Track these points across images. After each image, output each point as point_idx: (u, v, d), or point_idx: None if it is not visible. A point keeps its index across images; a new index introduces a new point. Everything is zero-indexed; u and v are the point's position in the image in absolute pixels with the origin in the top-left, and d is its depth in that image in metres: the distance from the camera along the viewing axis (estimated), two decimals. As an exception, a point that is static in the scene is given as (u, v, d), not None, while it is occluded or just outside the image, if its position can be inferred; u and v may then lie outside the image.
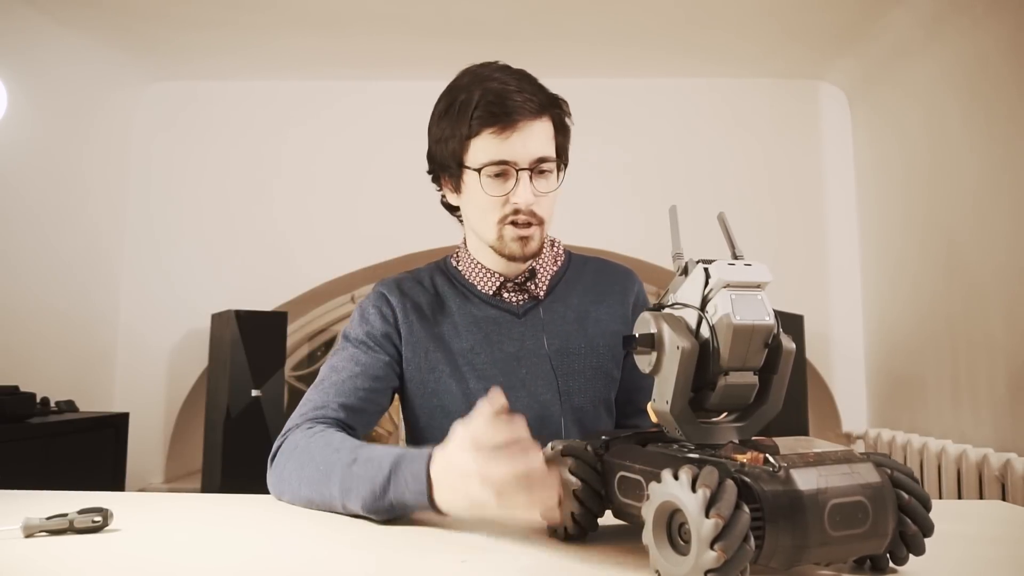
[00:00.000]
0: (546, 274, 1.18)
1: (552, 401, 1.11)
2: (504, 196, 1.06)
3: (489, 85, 1.05)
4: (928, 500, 0.63)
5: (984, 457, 2.28)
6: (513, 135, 1.04)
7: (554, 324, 1.15)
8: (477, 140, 1.05)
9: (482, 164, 1.05)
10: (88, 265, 3.40)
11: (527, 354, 1.13)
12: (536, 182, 1.07)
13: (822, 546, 0.56)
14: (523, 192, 1.05)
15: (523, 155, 1.05)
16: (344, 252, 3.59)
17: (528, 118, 1.04)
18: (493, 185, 1.06)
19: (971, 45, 2.55)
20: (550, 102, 1.09)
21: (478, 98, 1.04)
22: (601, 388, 1.15)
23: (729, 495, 0.54)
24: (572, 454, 0.74)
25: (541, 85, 1.10)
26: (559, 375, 1.12)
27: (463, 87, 1.07)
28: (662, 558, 0.59)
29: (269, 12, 2.95)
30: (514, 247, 1.09)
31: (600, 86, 3.55)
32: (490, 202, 1.07)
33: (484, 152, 1.05)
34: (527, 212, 1.07)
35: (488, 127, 1.04)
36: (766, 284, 0.64)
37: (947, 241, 2.69)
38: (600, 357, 1.15)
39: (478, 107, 1.03)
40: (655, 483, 0.59)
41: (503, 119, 1.03)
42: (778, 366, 0.66)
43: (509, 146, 1.04)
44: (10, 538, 0.76)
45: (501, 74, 1.07)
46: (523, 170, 1.05)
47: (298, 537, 0.80)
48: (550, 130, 1.09)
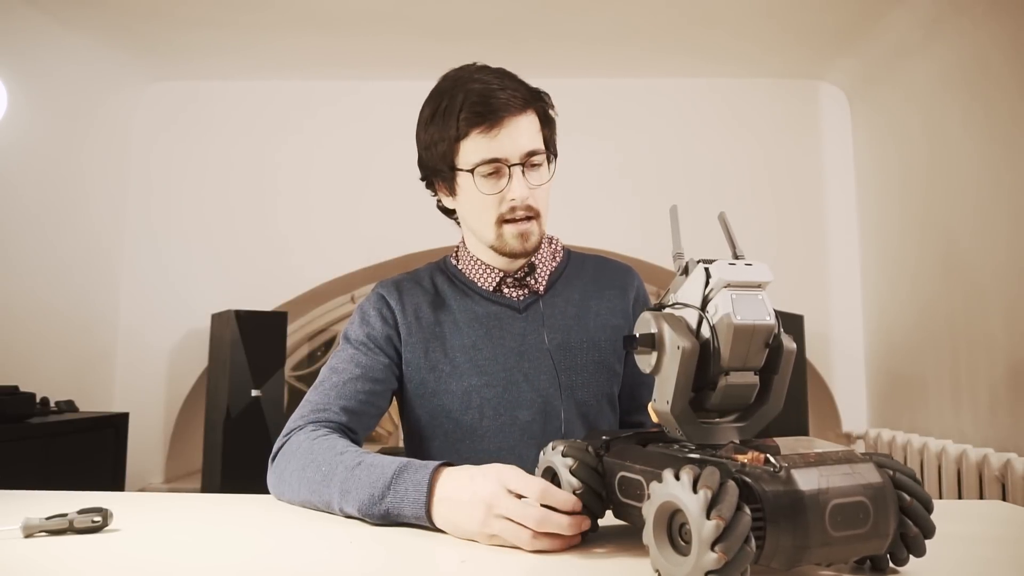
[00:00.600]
0: (545, 269, 1.19)
1: (554, 396, 1.12)
2: (499, 193, 1.07)
3: (471, 86, 1.06)
4: (930, 502, 0.63)
5: (984, 457, 2.28)
6: (501, 132, 1.05)
7: (554, 319, 1.16)
8: (466, 141, 1.06)
9: (474, 164, 1.06)
10: (88, 265, 3.40)
11: (528, 349, 1.13)
12: (529, 175, 1.08)
13: (823, 546, 0.56)
14: (517, 187, 1.06)
15: (513, 151, 1.06)
16: (344, 252, 3.59)
17: (514, 114, 1.06)
18: (487, 184, 1.07)
19: (971, 45, 2.55)
20: (533, 96, 1.10)
21: (462, 100, 1.05)
22: (603, 382, 1.16)
23: (730, 496, 0.54)
24: (573, 455, 0.74)
25: (522, 81, 1.11)
26: (560, 370, 1.13)
27: (446, 91, 1.08)
28: (662, 558, 0.59)
29: (269, 12, 2.95)
30: (515, 244, 1.10)
31: (600, 86, 3.55)
32: (486, 201, 1.08)
33: (475, 152, 1.06)
34: (524, 206, 1.08)
35: (475, 127, 1.05)
36: (767, 284, 0.64)
37: (947, 241, 2.69)
38: (601, 351, 1.16)
39: (463, 109, 1.05)
40: (656, 483, 0.59)
41: (489, 117, 1.04)
42: (779, 366, 0.66)
43: (498, 143, 1.05)
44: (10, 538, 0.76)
45: (481, 74, 1.08)
46: (515, 165, 1.06)
47: (298, 537, 0.80)
48: (536, 123, 1.10)
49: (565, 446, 0.76)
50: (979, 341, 2.49)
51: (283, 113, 3.69)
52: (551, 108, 1.14)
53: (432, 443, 1.13)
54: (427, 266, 1.24)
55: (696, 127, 3.59)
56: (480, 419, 1.11)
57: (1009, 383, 2.33)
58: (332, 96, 3.66)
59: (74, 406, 2.93)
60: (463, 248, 1.21)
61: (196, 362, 3.53)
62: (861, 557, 0.63)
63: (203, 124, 3.70)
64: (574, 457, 0.74)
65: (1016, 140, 2.31)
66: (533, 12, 2.93)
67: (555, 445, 0.78)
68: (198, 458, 3.53)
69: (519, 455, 1.09)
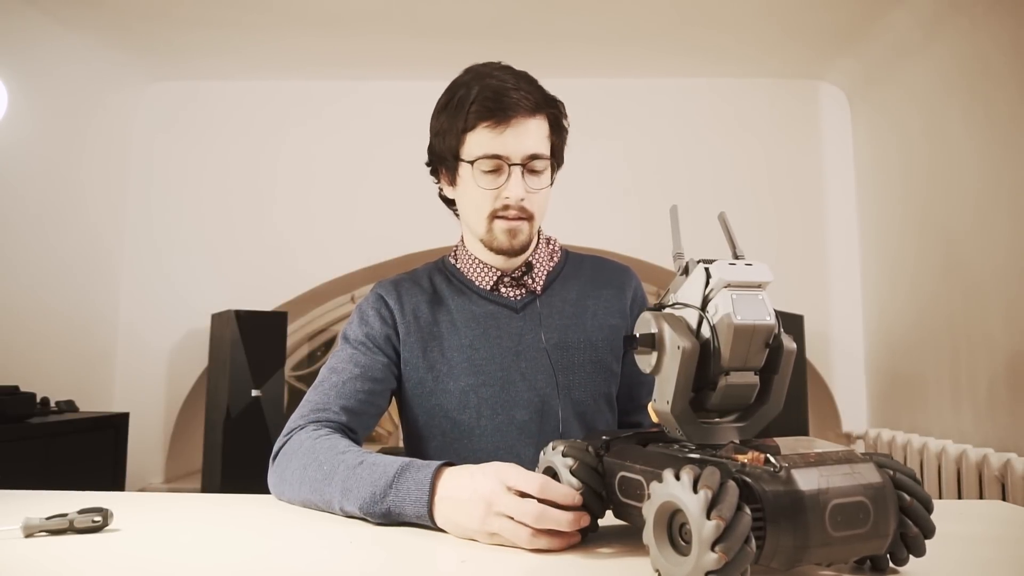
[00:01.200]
0: (543, 269, 1.19)
1: (551, 395, 1.12)
2: (496, 190, 1.08)
3: (488, 82, 1.07)
4: (930, 502, 0.63)
5: (984, 457, 2.28)
6: (507, 130, 1.06)
7: (551, 318, 1.16)
8: (472, 134, 1.07)
9: (476, 157, 1.07)
10: (88, 265, 3.40)
11: (526, 348, 1.13)
12: (528, 178, 1.09)
13: (823, 546, 0.56)
14: (514, 186, 1.07)
15: (516, 150, 1.07)
16: (344, 252, 3.59)
17: (523, 115, 1.07)
18: (486, 179, 1.08)
19: (971, 45, 2.55)
20: (546, 102, 1.11)
21: (476, 93, 1.07)
22: (601, 382, 1.16)
23: (731, 496, 0.54)
24: (573, 455, 0.74)
25: (539, 85, 1.12)
26: (557, 369, 1.13)
27: (463, 83, 1.10)
28: (662, 558, 0.59)
29: (269, 12, 2.95)
30: (502, 239, 1.11)
31: (600, 86, 3.55)
32: (482, 195, 1.09)
33: (478, 145, 1.07)
34: (517, 206, 1.09)
35: (483, 121, 1.06)
36: (767, 284, 0.64)
37: (947, 241, 2.69)
38: (598, 351, 1.16)
39: (475, 102, 1.06)
40: (656, 483, 0.59)
41: (498, 114, 1.05)
42: (779, 366, 0.66)
43: (502, 141, 1.06)
44: (10, 538, 0.76)
45: (501, 72, 1.10)
46: (515, 165, 1.07)
47: (298, 537, 0.80)
48: (545, 129, 1.11)
49: (565, 446, 0.76)
50: (979, 341, 2.49)
51: (283, 113, 3.69)
52: (564, 117, 1.15)
53: (430, 443, 1.13)
54: (425, 266, 1.25)
55: (696, 127, 3.59)
56: (477, 419, 1.11)
57: (1009, 383, 2.33)
58: (332, 96, 3.66)
59: (74, 406, 2.93)
60: (461, 247, 1.22)
61: (196, 362, 3.53)
62: (861, 557, 0.63)
63: (203, 124, 3.70)
64: (574, 457, 0.74)
65: (1016, 140, 2.31)
66: (533, 12, 2.93)
67: (555, 445, 0.78)
68: (198, 458, 3.53)
69: (516, 454, 1.09)
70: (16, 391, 2.55)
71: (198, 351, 3.50)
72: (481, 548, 0.74)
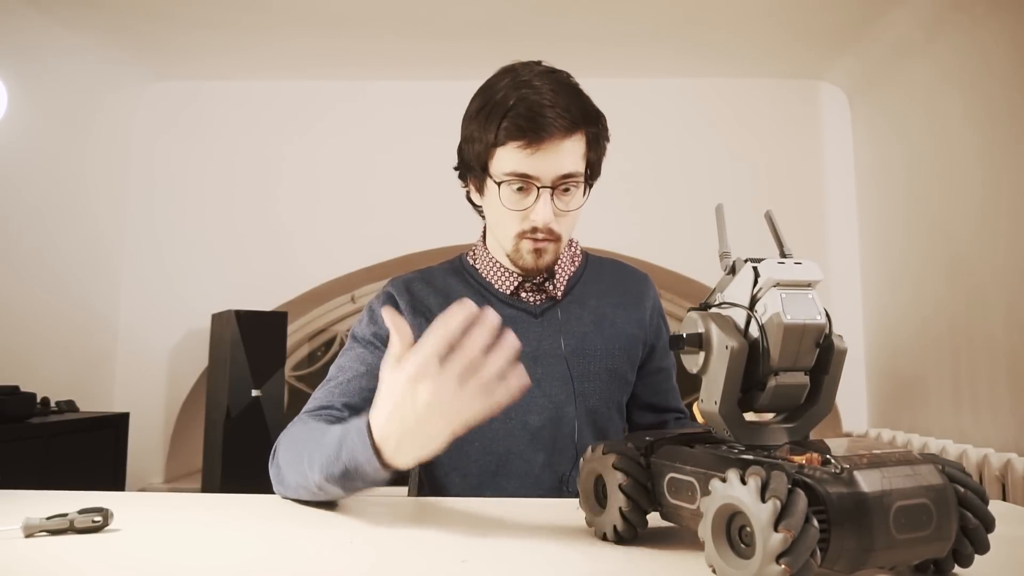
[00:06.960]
0: (564, 274, 1.18)
1: (567, 402, 1.11)
2: (523, 211, 1.04)
3: (524, 92, 1.01)
4: (984, 492, 0.61)
5: (985, 457, 2.28)
6: (539, 152, 1.01)
7: (571, 325, 1.14)
8: (502, 150, 1.02)
9: (504, 176, 1.03)
10: (88, 265, 3.40)
11: (543, 354, 1.12)
12: (558, 200, 1.05)
13: (887, 549, 0.54)
14: (543, 210, 1.03)
15: (547, 173, 1.02)
16: (345, 252, 3.59)
17: (558, 136, 1.01)
18: (513, 198, 1.04)
19: (972, 45, 2.55)
20: (585, 118, 1.04)
21: (510, 106, 1.00)
22: (615, 391, 1.15)
23: (800, 508, 0.52)
24: (616, 450, 0.72)
25: (580, 97, 1.06)
26: (575, 376, 1.12)
27: (499, 89, 1.04)
28: (719, 556, 0.57)
29: (271, 12, 2.95)
30: (528, 259, 1.09)
31: (600, 86, 3.50)
32: (508, 215, 1.05)
33: (508, 163, 1.02)
34: (545, 230, 1.05)
35: (515, 140, 1.01)
36: (817, 283, 0.63)
37: (947, 241, 2.69)
38: (615, 359, 1.15)
39: (507, 116, 1.00)
40: (718, 481, 0.57)
41: (530, 135, 1.00)
42: (830, 366, 0.65)
43: (533, 162, 1.01)
44: (10, 538, 0.75)
45: (540, 81, 1.03)
46: (545, 187, 1.02)
47: (298, 537, 0.80)
48: (581, 147, 1.05)
49: (607, 447, 0.74)
50: (980, 341, 2.49)
51: (284, 113, 3.69)
52: (604, 132, 1.09)
53: None
54: (440, 265, 1.22)
55: (696, 127, 3.59)
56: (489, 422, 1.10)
57: (1010, 383, 2.33)
58: (333, 96, 3.66)
59: (74, 406, 2.93)
60: (482, 247, 1.19)
61: (196, 362, 3.53)
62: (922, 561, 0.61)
63: (204, 124, 3.70)
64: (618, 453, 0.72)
65: (1017, 140, 2.31)
66: (533, 12, 2.93)
67: (595, 448, 0.75)
68: (198, 458, 3.53)
69: (527, 459, 1.09)
70: (16, 391, 2.55)
71: (198, 351, 3.50)
72: (482, 548, 0.74)
